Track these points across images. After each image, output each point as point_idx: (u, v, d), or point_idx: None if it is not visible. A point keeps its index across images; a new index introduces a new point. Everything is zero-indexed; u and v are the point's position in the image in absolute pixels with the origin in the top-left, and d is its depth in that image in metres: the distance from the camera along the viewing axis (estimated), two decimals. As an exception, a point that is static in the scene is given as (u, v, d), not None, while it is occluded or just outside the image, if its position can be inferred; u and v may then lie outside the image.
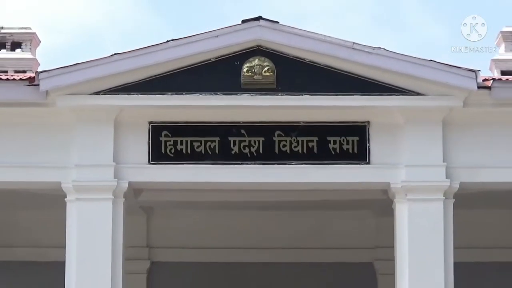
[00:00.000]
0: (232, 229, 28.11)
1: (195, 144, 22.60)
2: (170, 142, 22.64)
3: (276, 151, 22.60)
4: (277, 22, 22.32)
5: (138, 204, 25.07)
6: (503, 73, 29.86)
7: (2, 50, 32.71)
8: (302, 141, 22.63)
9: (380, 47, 22.29)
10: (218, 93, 22.26)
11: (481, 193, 23.57)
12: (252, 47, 22.42)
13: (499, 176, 22.82)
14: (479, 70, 22.26)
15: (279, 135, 22.60)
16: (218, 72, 22.44)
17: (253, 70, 22.27)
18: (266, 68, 22.24)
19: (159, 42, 22.38)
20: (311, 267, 28.25)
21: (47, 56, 30.30)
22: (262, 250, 28.17)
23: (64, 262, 22.39)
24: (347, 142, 22.65)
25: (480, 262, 27.36)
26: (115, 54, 22.33)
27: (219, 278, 28.56)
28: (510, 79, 24.96)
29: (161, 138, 22.62)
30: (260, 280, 28.48)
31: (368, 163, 22.64)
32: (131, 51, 22.41)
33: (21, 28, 32.54)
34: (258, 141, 22.63)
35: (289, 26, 22.45)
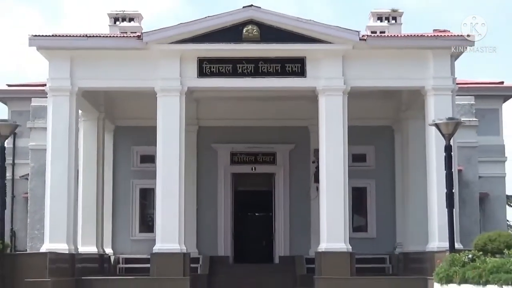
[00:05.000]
0: (241, 109, 27.55)
1: (220, 68, 22.77)
2: (207, 67, 22.78)
3: (260, 71, 22.74)
4: (260, 7, 22.58)
5: (192, 97, 25.09)
6: (372, 32, 29.56)
7: (124, 22, 32.45)
8: (273, 66, 22.77)
9: (311, 19, 22.61)
10: (231, 43, 22.52)
11: (363, 91, 23.65)
12: (248, 20, 22.54)
13: (372, 82, 23.00)
14: (360, 31, 22.69)
15: (261, 63, 22.76)
16: (230, 32, 22.54)
17: (248, 31, 22.52)
18: (255, 30, 22.52)
19: (202, 17, 22.60)
20: (276, 129, 27.97)
21: (147, 24, 30.47)
22: (254, 119, 27.80)
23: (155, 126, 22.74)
24: (295, 67, 22.78)
25: (364, 126, 26.92)
26: (180, 23, 22.64)
27: (236, 134, 28.11)
28: (374, 35, 25.28)
29: (203, 65, 22.79)
30: (255, 134, 27.99)
31: (305, 77, 22.77)
32: (188, 22, 22.65)
33: (133, 10, 32.45)
34: (251, 66, 22.78)
35: (266, 9, 22.68)
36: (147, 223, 28.12)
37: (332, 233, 22.12)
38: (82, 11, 75.29)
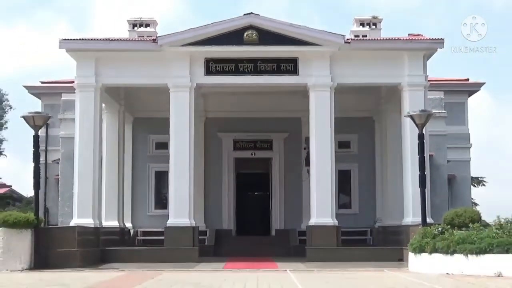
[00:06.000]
0: (242, 102, 27.40)
1: (224, 67, 22.64)
2: (213, 66, 22.66)
3: (259, 69, 22.61)
4: (259, 14, 22.47)
5: (200, 93, 24.91)
6: (355, 36, 29.44)
7: (141, 28, 32.11)
8: (270, 65, 22.64)
9: (303, 25, 22.50)
10: (233, 45, 22.38)
11: (347, 87, 23.37)
12: (248, 25, 22.42)
13: (355, 79, 22.80)
14: (345, 35, 22.56)
15: (260, 63, 22.64)
16: (233, 36, 22.42)
17: (248, 35, 22.38)
18: (254, 34, 22.38)
19: (209, 23, 22.45)
20: (273, 119, 27.84)
21: (159, 28, 29.79)
22: (253, 111, 27.65)
23: (168, 117, 22.64)
24: (289, 66, 22.66)
25: (348, 117, 26.57)
26: (190, 28, 22.49)
27: (238, 124, 27.98)
28: (357, 39, 25.03)
29: (210, 64, 22.67)
30: (254, 124, 27.88)
31: (298, 75, 22.65)
32: (196, 27, 22.49)
33: (149, 17, 32.20)
34: (251, 65, 22.65)
35: (264, 16, 22.58)
36: (162, 201, 28.07)
37: (321, 209, 22.16)
38: (104, 19, 74.97)
